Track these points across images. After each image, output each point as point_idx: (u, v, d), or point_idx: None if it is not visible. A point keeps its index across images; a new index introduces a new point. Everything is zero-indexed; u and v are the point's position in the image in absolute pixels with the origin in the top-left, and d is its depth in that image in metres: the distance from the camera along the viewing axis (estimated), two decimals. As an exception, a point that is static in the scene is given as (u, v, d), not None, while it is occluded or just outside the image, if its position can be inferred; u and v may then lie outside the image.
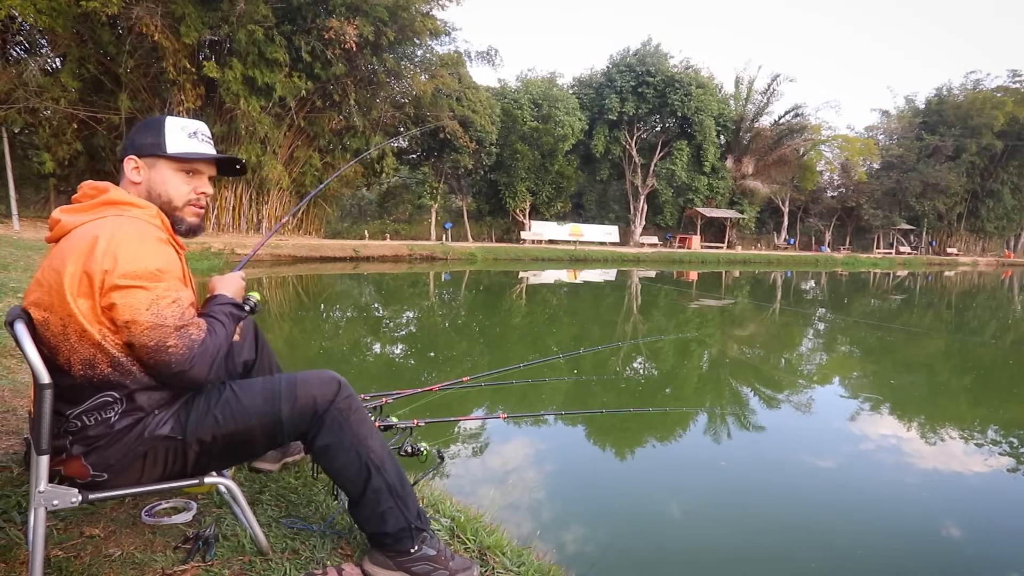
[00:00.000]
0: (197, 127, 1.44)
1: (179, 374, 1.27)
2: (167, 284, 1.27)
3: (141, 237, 1.27)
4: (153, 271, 1.25)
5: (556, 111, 31.32)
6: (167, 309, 1.25)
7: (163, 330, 1.24)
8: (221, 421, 1.37)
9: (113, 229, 1.26)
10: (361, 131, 21.88)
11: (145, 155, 1.39)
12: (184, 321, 1.27)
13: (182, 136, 1.40)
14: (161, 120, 1.41)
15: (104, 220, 1.29)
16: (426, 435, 2.96)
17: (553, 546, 2.60)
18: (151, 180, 1.40)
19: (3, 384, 2.72)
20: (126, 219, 1.30)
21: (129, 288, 1.22)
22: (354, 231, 29.45)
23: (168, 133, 1.39)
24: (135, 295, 1.23)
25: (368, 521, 1.48)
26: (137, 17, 14.91)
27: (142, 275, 1.24)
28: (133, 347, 1.26)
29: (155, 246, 1.28)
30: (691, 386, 6.03)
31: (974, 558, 2.81)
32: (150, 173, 1.40)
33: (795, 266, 30.68)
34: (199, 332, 1.29)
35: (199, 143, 1.43)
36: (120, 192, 1.36)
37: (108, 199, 1.34)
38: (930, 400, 5.85)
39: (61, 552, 1.43)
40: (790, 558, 2.73)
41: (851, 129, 48.29)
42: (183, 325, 1.26)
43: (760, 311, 12.50)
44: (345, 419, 1.44)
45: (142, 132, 1.41)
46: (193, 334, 1.28)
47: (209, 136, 1.47)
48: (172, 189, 1.41)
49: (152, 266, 1.25)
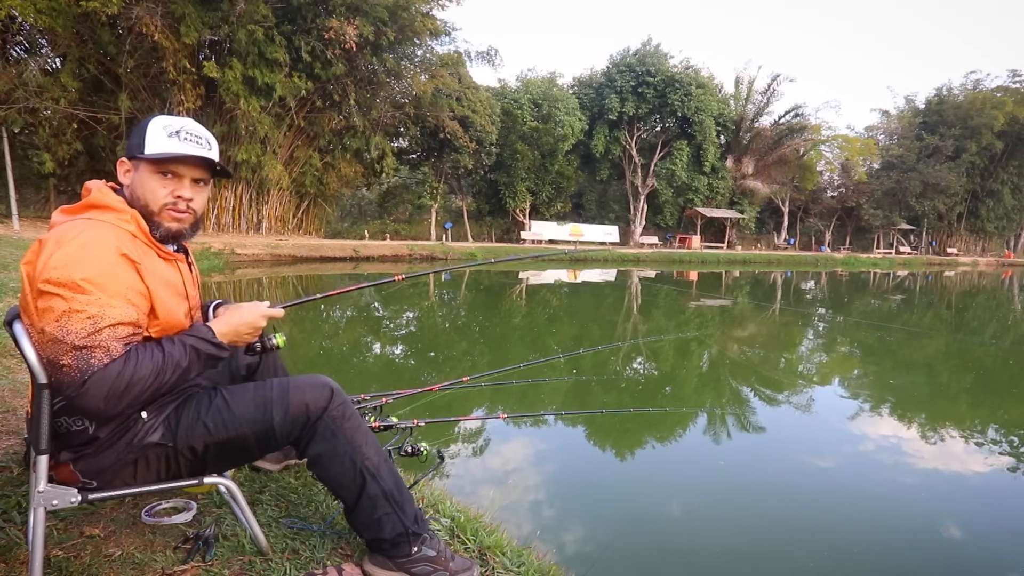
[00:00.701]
0: (182, 125, 1.33)
1: (70, 397, 1.16)
2: (90, 297, 1.15)
3: (83, 244, 1.17)
4: (77, 281, 1.14)
5: (556, 111, 31.32)
6: (75, 324, 1.14)
7: (60, 346, 1.14)
8: (212, 430, 1.35)
9: (62, 233, 1.19)
10: (361, 131, 21.88)
11: (132, 157, 1.32)
12: (89, 341, 1.14)
13: (162, 136, 1.30)
14: (147, 120, 1.33)
15: (69, 223, 1.23)
16: (426, 435, 2.96)
17: (553, 546, 2.60)
18: (133, 183, 1.32)
19: (3, 384, 2.72)
20: (87, 223, 1.22)
21: (47, 294, 1.15)
22: (354, 231, 29.45)
23: (149, 133, 1.30)
24: (51, 302, 1.15)
25: (365, 527, 1.47)
26: (137, 17, 14.91)
27: (64, 283, 1.14)
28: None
29: (97, 255, 1.17)
30: (691, 386, 6.03)
31: (974, 558, 2.81)
32: (134, 176, 1.33)
33: (795, 266, 30.68)
34: (103, 357, 1.15)
35: (180, 143, 1.31)
36: (101, 194, 1.29)
37: (89, 201, 1.28)
38: (930, 400, 5.85)
39: (61, 552, 1.43)
40: (790, 558, 2.73)
41: (851, 129, 48.30)
42: (86, 346, 1.14)
43: (760, 311, 12.50)
44: (339, 427, 1.42)
45: (132, 133, 1.34)
46: (95, 357, 1.15)
47: (197, 135, 1.35)
48: (149, 193, 1.31)
49: (78, 275, 1.14)
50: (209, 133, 1.41)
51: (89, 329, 1.15)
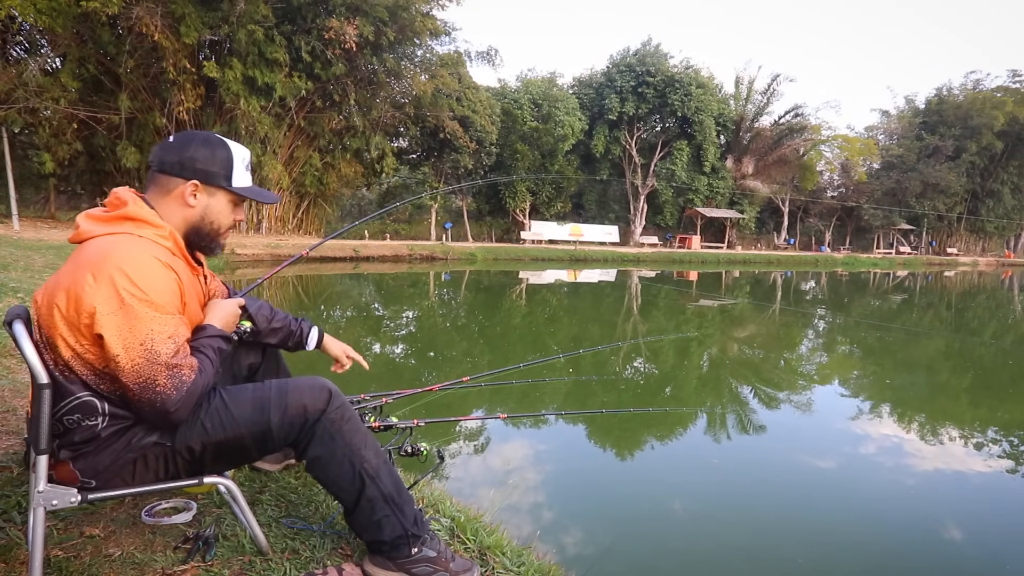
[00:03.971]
0: (248, 156, 1.49)
1: (163, 415, 1.23)
2: (166, 317, 1.23)
3: (146, 264, 1.24)
4: (153, 300, 1.22)
5: (556, 111, 31.32)
6: (160, 345, 1.21)
7: (154, 367, 1.20)
8: (210, 430, 1.35)
9: (119, 253, 1.22)
10: (361, 131, 21.88)
11: (210, 183, 1.40)
12: (177, 360, 1.23)
13: (242, 169, 1.44)
14: (228, 152, 1.41)
15: (118, 237, 1.27)
16: (426, 435, 2.96)
17: (553, 546, 2.60)
18: (208, 207, 1.42)
19: (3, 384, 2.71)
20: (137, 241, 1.27)
21: (121, 314, 1.19)
22: (354, 231, 29.45)
23: (236, 167, 1.43)
24: (130, 322, 1.19)
25: (365, 529, 1.47)
26: (137, 17, 14.91)
27: (141, 300, 1.20)
28: (118, 378, 1.21)
29: (158, 274, 1.25)
30: (691, 386, 6.03)
31: (973, 558, 2.81)
32: (209, 200, 1.41)
33: (795, 266, 30.68)
34: (190, 373, 1.25)
35: (248, 174, 1.48)
36: (138, 208, 1.32)
37: (125, 214, 1.31)
38: (929, 400, 5.85)
39: (61, 552, 1.43)
40: (791, 559, 2.72)
41: (851, 129, 48.29)
42: (176, 364, 1.23)
43: (760, 311, 12.50)
44: (337, 429, 1.42)
45: (208, 159, 1.38)
46: (184, 374, 1.24)
47: (250, 164, 1.52)
48: (223, 218, 1.46)
49: (153, 296, 1.22)
50: None
51: (173, 348, 1.23)
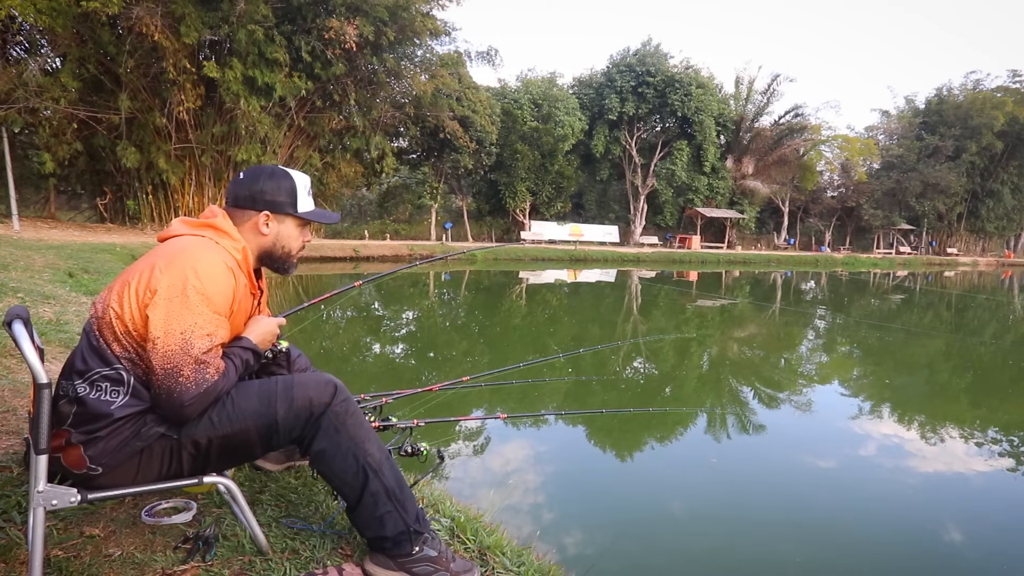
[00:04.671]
0: (308, 184, 1.61)
1: (177, 406, 1.30)
2: (211, 316, 1.33)
3: (214, 263, 1.37)
4: (208, 295, 1.32)
5: (556, 111, 31.32)
6: (198, 339, 1.30)
7: (184, 358, 1.28)
8: (216, 423, 1.37)
9: (197, 249, 1.37)
10: (361, 131, 21.86)
11: (279, 212, 1.54)
12: (207, 357, 1.31)
13: (304, 195, 1.58)
14: (292, 181, 1.56)
15: (198, 239, 1.42)
16: (426, 435, 2.96)
17: (553, 546, 2.60)
18: (279, 233, 1.56)
19: (3, 384, 2.71)
20: (214, 246, 1.42)
21: (179, 299, 1.29)
22: (354, 231, 29.43)
23: (299, 195, 1.56)
24: (182, 309, 1.29)
25: (367, 525, 1.48)
26: (137, 17, 14.89)
27: (198, 293, 1.31)
28: (152, 359, 1.29)
29: (222, 276, 1.37)
30: (691, 386, 6.03)
31: (971, 558, 2.81)
32: (279, 227, 1.56)
33: (795, 266, 30.68)
34: (215, 373, 1.33)
35: (311, 199, 1.61)
36: (223, 221, 1.49)
37: (212, 223, 1.48)
38: (929, 400, 5.85)
39: (61, 552, 1.43)
40: (792, 560, 2.72)
41: (851, 129, 48.34)
42: (205, 361, 1.31)
43: (760, 311, 12.50)
44: (342, 423, 1.45)
45: (275, 191, 1.53)
46: (208, 372, 1.32)
47: (311, 189, 1.64)
48: (293, 241, 1.60)
49: (209, 291, 1.33)
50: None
51: (207, 346, 1.32)
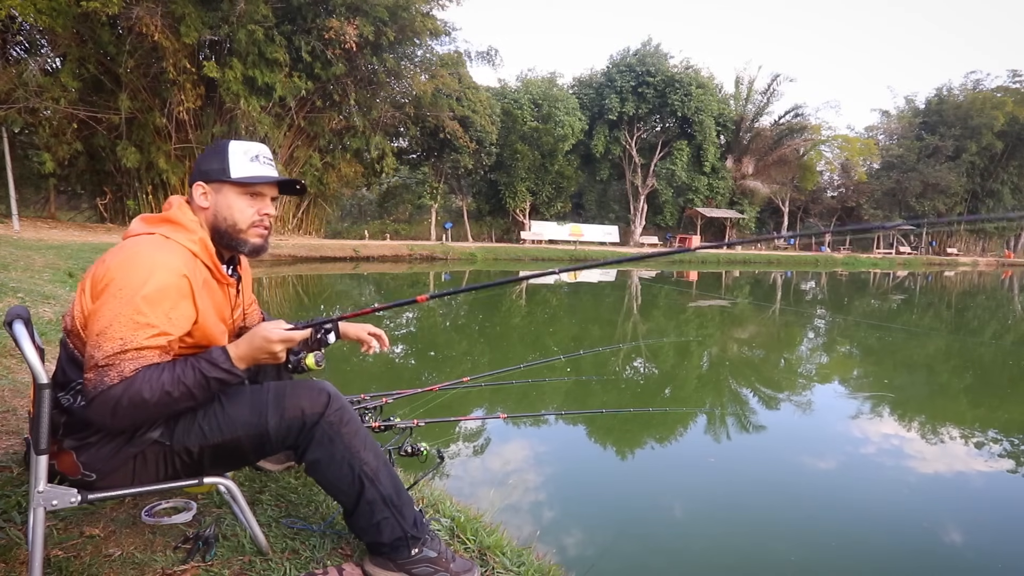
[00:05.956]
0: (259, 150, 1.46)
1: (87, 405, 1.24)
2: (131, 320, 1.22)
3: (150, 262, 1.26)
4: (136, 298, 1.22)
5: (556, 111, 31.33)
6: (106, 342, 1.21)
7: (90, 360, 1.23)
8: (207, 433, 1.35)
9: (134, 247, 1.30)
10: (361, 131, 21.87)
11: (212, 180, 1.42)
12: (110, 361, 1.21)
13: (244, 160, 1.43)
14: (225, 145, 1.43)
15: (144, 237, 1.34)
16: (426, 435, 2.96)
17: (553, 546, 2.60)
18: (217, 204, 1.43)
19: (3, 384, 2.71)
20: (158, 241, 1.33)
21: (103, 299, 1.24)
22: (354, 231, 29.45)
23: (232, 158, 1.42)
24: (101, 310, 1.24)
25: (364, 531, 1.47)
26: (137, 17, 14.90)
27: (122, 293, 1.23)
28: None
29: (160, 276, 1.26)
30: (691, 386, 6.03)
31: (972, 559, 2.81)
32: (216, 198, 1.43)
33: (795, 266, 30.68)
34: (116, 377, 1.21)
35: (261, 166, 1.45)
36: (180, 212, 1.40)
37: (167, 216, 1.40)
38: (929, 400, 5.85)
39: (61, 552, 1.43)
40: (792, 560, 2.72)
41: (851, 129, 48.40)
42: (106, 364, 1.21)
43: (760, 311, 12.50)
44: (336, 432, 1.41)
45: (208, 158, 1.43)
46: (108, 376, 1.21)
47: (269, 158, 1.49)
48: (237, 213, 1.44)
49: (139, 292, 1.23)
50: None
51: (116, 349, 1.22)
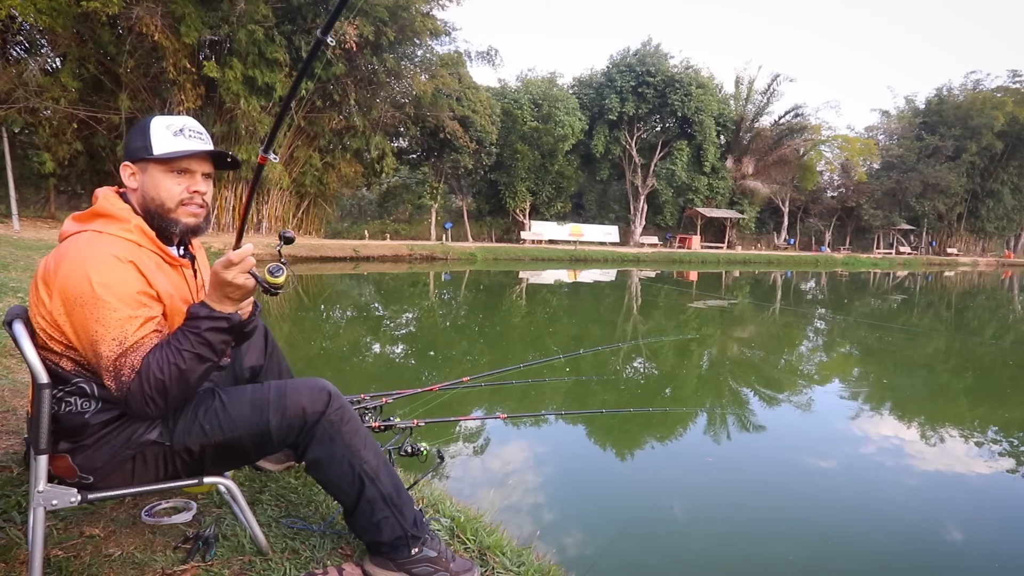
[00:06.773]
0: (184, 123, 1.37)
1: (130, 407, 1.25)
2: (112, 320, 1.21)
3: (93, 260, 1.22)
4: (100, 299, 1.20)
5: (556, 111, 31.30)
6: (104, 347, 1.21)
7: (99, 366, 1.23)
8: (208, 432, 1.35)
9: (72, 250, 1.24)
10: (361, 131, 21.87)
11: (137, 160, 1.35)
12: (118, 363, 1.22)
13: (167, 135, 1.34)
14: (147, 121, 1.35)
15: (79, 236, 1.28)
16: (426, 435, 2.96)
17: (553, 546, 2.60)
18: (144, 184, 1.36)
19: (3, 384, 2.71)
20: (93, 238, 1.27)
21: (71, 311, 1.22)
22: (354, 231, 29.43)
23: (154, 134, 1.33)
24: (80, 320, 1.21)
25: (364, 531, 1.47)
26: (137, 17, 14.90)
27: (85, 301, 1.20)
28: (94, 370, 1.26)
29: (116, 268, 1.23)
30: (691, 386, 6.03)
31: (971, 559, 2.81)
32: (143, 178, 1.36)
33: (795, 266, 30.67)
34: (130, 374, 1.22)
35: (186, 140, 1.35)
36: (107, 203, 1.33)
37: (95, 210, 1.33)
38: (929, 400, 5.85)
39: (61, 552, 1.43)
40: (792, 560, 2.72)
41: (851, 129, 48.32)
42: (115, 368, 1.22)
43: (760, 311, 12.50)
44: (337, 431, 1.41)
45: (132, 136, 1.36)
46: (124, 375, 1.22)
47: (199, 131, 1.39)
48: (164, 191, 1.35)
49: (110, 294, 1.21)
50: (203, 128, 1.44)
51: (117, 352, 1.21)
